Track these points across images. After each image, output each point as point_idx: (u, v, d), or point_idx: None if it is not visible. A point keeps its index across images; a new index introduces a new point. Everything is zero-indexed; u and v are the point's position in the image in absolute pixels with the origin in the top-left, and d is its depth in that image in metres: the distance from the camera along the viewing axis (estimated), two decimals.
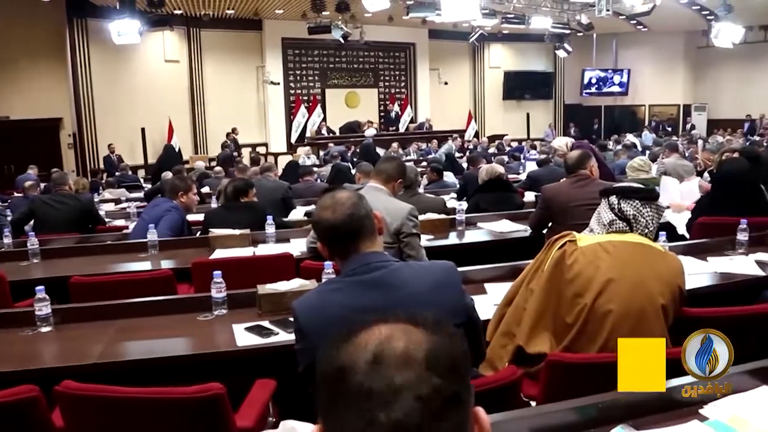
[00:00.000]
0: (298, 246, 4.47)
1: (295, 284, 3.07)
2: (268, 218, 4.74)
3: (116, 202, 8.67)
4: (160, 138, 16.16)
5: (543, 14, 16.08)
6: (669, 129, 21.43)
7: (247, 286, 3.20)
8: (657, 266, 2.41)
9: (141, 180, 13.11)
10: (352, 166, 10.01)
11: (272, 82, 18.13)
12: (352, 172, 7.97)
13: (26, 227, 5.81)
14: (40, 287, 2.93)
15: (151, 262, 4.38)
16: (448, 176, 9.12)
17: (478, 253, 4.41)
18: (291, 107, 18.85)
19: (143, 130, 15.87)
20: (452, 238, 4.90)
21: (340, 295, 1.95)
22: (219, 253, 4.38)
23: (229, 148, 16.31)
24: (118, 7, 10.74)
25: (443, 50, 21.00)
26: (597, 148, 8.15)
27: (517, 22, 16.22)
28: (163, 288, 3.52)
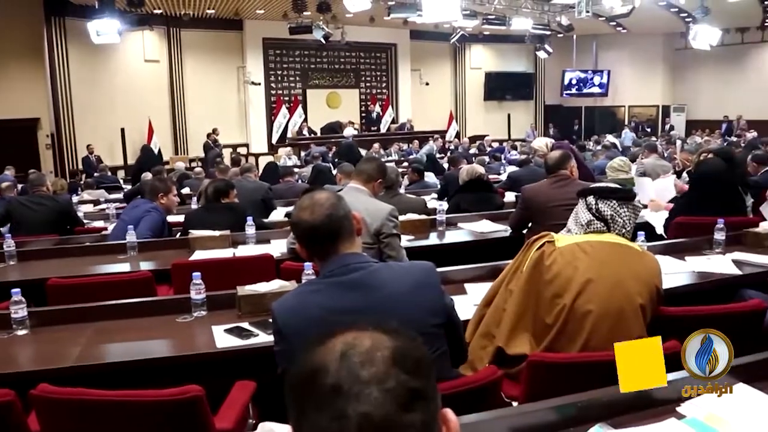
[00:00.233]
0: (278, 247, 4.45)
1: (274, 285, 3.06)
2: (248, 219, 4.73)
3: (95, 203, 8.57)
4: (140, 138, 16.03)
5: (523, 15, 16.17)
6: (648, 130, 21.63)
7: (227, 287, 3.18)
8: (634, 266, 2.42)
9: (120, 181, 12.98)
10: (333, 167, 10.00)
11: (253, 83, 18.08)
12: (333, 172, 7.96)
13: (2, 229, 5.74)
14: (16, 290, 2.89)
15: (131, 263, 4.34)
16: (429, 177, 9.13)
17: (458, 253, 4.41)
18: (272, 108, 18.80)
19: (123, 130, 15.74)
20: (433, 239, 4.90)
21: (319, 296, 1.94)
22: (199, 255, 4.35)
23: (219, 147, 16.36)
24: (97, 6, 10.63)
25: (424, 51, 21.05)
26: (576, 149, 8.21)
27: (497, 23, 16.28)
28: (142, 290, 3.49)
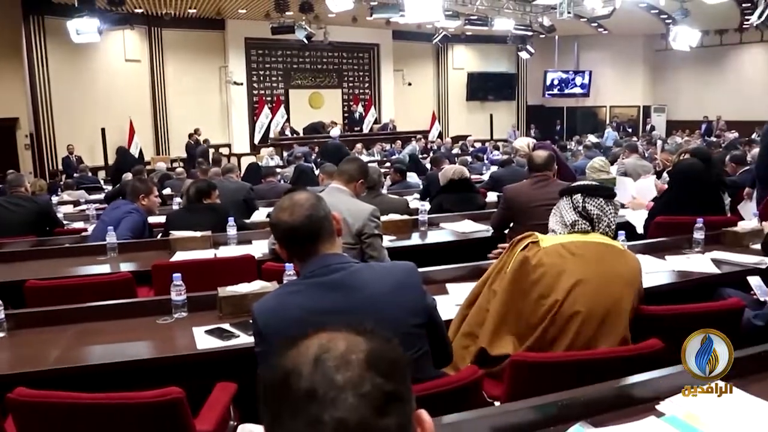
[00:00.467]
0: (259, 248, 4.44)
1: (256, 286, 3.05)
2: (230, 220, 4.71)
3: (75, 204, 8.48)
4: (121, 139, 15.92)
5: (505, 16, 16.24)
6: (629, 130, 21.79)
7: (208, 288, 3.16)
8: (619, 266, 2.43)
9: (101, 181, 12.88)
10: (315, 167, 9.99)
11: (235, 83, 18.02)
12: (316, 173, 7.95)
13: None
14: None
15: (111, 265, 4.31)
16: (412, 177, 9.13)
17: (440, 253, 4.42)
18: (254, 108, 18.74)
19: (103, 130, 15.60)
20: (415, 239, 4.90)
21: (299, 297, 1.93)
22: (180, 256, 4.32)
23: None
24: (76, 5, 10.54)
25: (407, 51, 21.07)
26: (558, 149, 8.25)
27: (480, 23, 16.33)
28: (122, 291, 3.46)
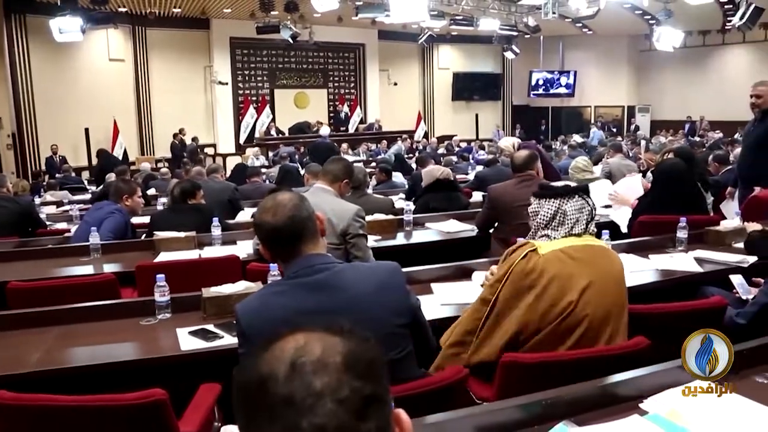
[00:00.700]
0: (244, 248, 4.42)
1: (240, 287, 3.03)
2: (214, 220, 4.69)
3: (58, 204, 8.41)
4: (105, 138, 15.81)
5: (491, 16, 16.29)
6: (614, 130, 21.92)
7: (192, 289, 3.14)
8: (611, 267, 2.42)
9: (85, 182, 12.79)
10: (301, 167, 9.97)
11: (220, 82, 17.95)
12: (301, 172, 7.93)
13: None
14: None
15: (94, 266, 4.28)
16: (397, 177, 9.14)
17: (425, 253, 4.42)
18: (239, 108, 18.68)
19: (87, 130, 15.49)
20: (400, 239, 4.90)
21: (283, 297, 1.93)
22: (164, 256, 4.30)
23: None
24: (59, 3, 10.46)
25: (393, 51, 21.09)
26: (543, 149, 8.29)
27: (465, 23, 16.38)
28: (105, 292, 3.43)
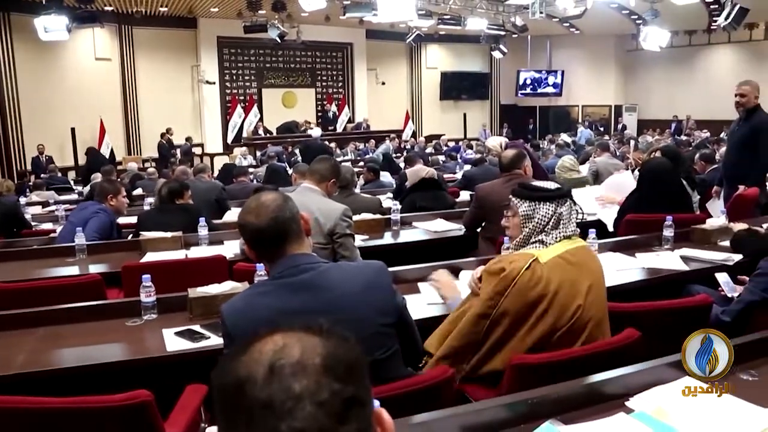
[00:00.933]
0: (231, 248, 4.40)
1: (226, 287, 3.02)
2: (201, 220, 4.67)
3: (44, 205, 8.36)
4: (92, 138, 15.72)
5: (478, 16, 16.33)
6: (602, 129, 22.01)
7: (179, 289, 3.13)
8: (599, 267, 2.43)
9: (71, 182, 12.70)
10: (289, 167, 9.96)
11: (207, 82, 17.89)
12: (289, 172, 7.92)
13: None
14: None
15: (80, 266, 4.25)
16: (385, 176, 9.13)
17: (413, 252, 4.43)
18: (227, 107, 18.62)
19: (73, 130, 15.39)
20: (387, 238, 4.90)
21: (268, 298, 1.93)
22: (150, 257, 4.28)
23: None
24: (44, 2, 10.39)
25: (381, 50, 21.08)
26: (531, 148, 8.31)
27: (453, 23, 16.39)
28: (91, 293, 3.41)
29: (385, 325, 2.00)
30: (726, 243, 3.93)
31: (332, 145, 15.75)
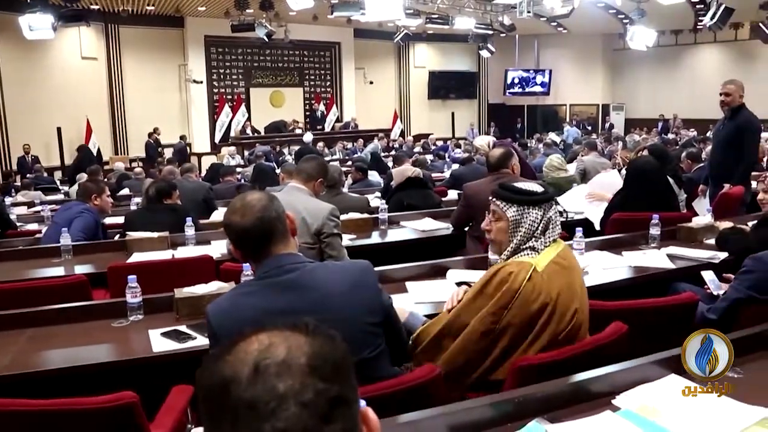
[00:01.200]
0: (218, 248, 4.39)
1: (213, 287, 3.01)
2: (188, 220, 4.65)
3: (29, 205, 8.29)
4: (78, 138, 15.62)
5: (466, 15, 16.37)
6: (589, 128, 22.11)
7: (165, 290, 3.11)
8: (580, 267, 2.43)
9: (57, 182, 12.62)
10: (277, 166, 9.93)
11: (195, 81, 17.83)
12: (277, 171, 7.90)
13: None
14: None
15: (65, 267, 4.22)
16: (373, 175, 9.13)
17: (401, 251, 4.42)
18: (215, 106, 18.55)
19: (59, 129, 15.28)
20: (375, 238, 4.89)
21: (253, 298, 1.92)
22: (137, 257, 4.25)
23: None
24: (29, 0, 10.30)
25: (369, 50, 21.09)
26: (519, 147, 8.34)
27: (440, 22, 16.43)
28: (77, 294, 3.38)
29: (372, 324, 1.99)
30: (712, 241, 3.95)
31: (320, 144, 15.73)
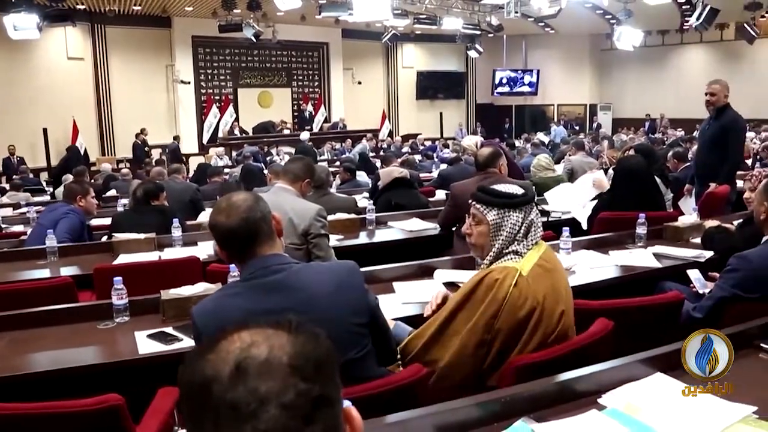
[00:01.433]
0: (205, 249, 4.37)
1: (199, 288, 2.99)
2: (175, 221, 4.63)
3: (15, 206, 8.23)
4: (64, 139, 15.52)
5: (454, 15, 16.38)
6: (577, 128, 22.20)
7: (152, 291, 3.09)
8: (563, 268, 2.43)
9: (43, 183, 12.54)
10: (265, 167, 9.91)
11: (182, 82, 17.74)
12: (265, 172, 7.89)
13: None
14: None
15: (50, 269, 4.18)
16: (361, 176, 9.13)
17: (388, 251, 4.42)
18: (202, 107, 18.49)
19: (45, 130, 15.17)
20: (362, 238, 4.89)
21: (239, 299, 1.91)
22: (123, 258, 4.24)
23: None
24: (13, 0, 10.22)
25: (357, 50, 21.07)
26: (507, 147, 8.35)
27: (428, 22, 16.43)
28: (62, 296, 3.36)
29: (358, 324, 1.99)
30: (698, 240, 3.98)
31: (308, 145, 15.72)
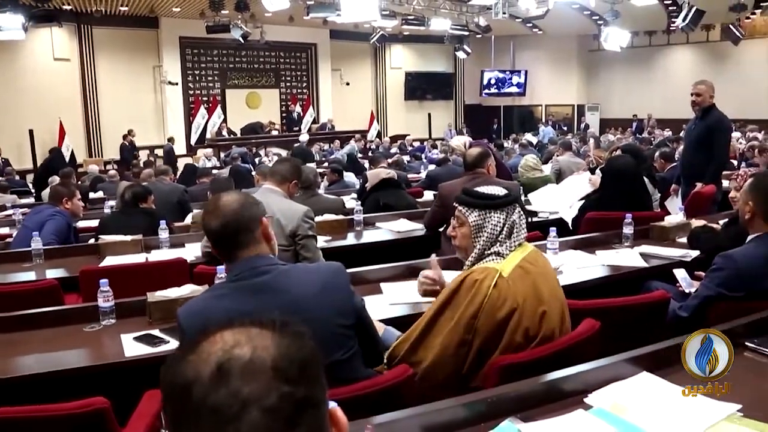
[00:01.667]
0: (192, 251, 4.35)
1: (186, 290, 2.98)
2: (162, 223, 4.61)
3: (0, 209, 8.14)
4: (51, 140, 15.42)
5: (442, 16, 16.42)
6: (565, 128, 22.30)
7: (139, 293, 3.07)
8: (551, 269, 2.42)
9: (29, 185, 12.44)
10: (253, 168, 9.90)
11: (170, 83, 17.69)
12: (253, 173, 7.88)
13: None
14: None
15: (36, 272, 4.14)
16: (349, 177, 9.13)
17: (376, 252, 4.42)
18: (190, 108, 18.44)
19: (31, 132, 15.10)
20: (350, 239, 4.88)
21: (225, 300, 1.91)
22: (110, 261, 4.21)
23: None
24: None
25: (345, 51, 21.07)
26: (495, 148, 8.37)
27: (416, 23, 16.47)
28: (48, 299, 3.33)
29: (344, 326, 1.99)
30: (684, 240, 4.00)
31: (296, 145, 15.70)
